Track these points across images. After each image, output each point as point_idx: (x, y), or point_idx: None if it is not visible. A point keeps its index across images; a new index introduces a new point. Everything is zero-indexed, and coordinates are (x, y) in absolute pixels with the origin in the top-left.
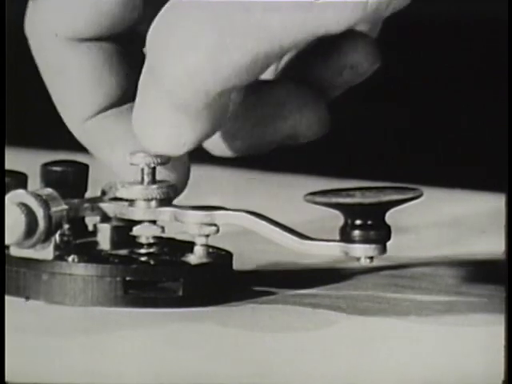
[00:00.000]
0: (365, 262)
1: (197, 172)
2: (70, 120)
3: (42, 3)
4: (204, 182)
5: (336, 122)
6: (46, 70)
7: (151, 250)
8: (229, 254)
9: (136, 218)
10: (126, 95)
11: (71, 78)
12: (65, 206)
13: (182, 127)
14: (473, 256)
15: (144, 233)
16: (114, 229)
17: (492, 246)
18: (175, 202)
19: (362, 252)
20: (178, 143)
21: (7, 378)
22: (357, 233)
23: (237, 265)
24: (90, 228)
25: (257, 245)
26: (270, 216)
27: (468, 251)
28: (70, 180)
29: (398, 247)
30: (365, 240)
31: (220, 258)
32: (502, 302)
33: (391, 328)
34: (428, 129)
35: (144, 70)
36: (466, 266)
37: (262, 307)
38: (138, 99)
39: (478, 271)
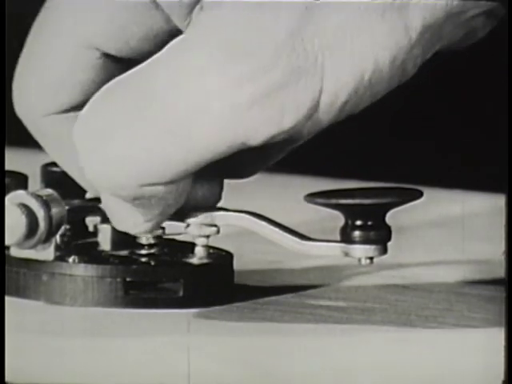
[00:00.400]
0: (365, 263)
1: None
2: (88, 187)
3: (23, 86)
4: None
5: (336, 122)
6: (48, 145)
7: (152, 251)
8: (229, 255)
9: None
10: None
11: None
12: (65, 207)
13: (130, 212)
14: (473, 256)
15: (144, 233)
16: (115, 229)
17: (492, 246)
18: None
19: (362, 253)
20: (135, 225)
21: (7, 378)
22: (357, 233)
23: (237, 265)
24: (91, 229)
25: (257, 245)
26: (271, 216)
27: (468, 251)
28: (70, 181)
29: (399, 248)
30: (365, 240)
31: (220, 258)
32: (501, 303)
33: (391, 328)
34: (428, 129)
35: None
36: (466, 266)
37: (262, 308)
38: None
39: (478, 271)
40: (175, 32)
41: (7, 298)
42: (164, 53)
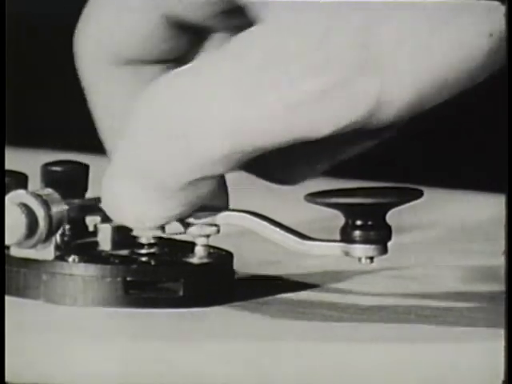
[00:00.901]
0: (365, 263)
1: None
2: (110, 143)
3: (85, 31)
4: None
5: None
6: (93, 93)
7: (152, 251)
8: (229, 255)
9: None
10: None
11: (115, 100)
12: (65, 207)
13: (151, 204)
14: (473, 256)
15: (144, 233)
16: (115, 229)
17: (492, 246)
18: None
19: (362, 252)
20: (144, 219)
21: (7, 378)
22: (357, 233)
23: (238, 265)
24: (91, 228)
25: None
26: (271, 216)
27: (468, 251)
28: (70, 180)
29: (399, 247)
30: (365, 240)
31: (221, 258)
32: (501, 303)
33: (391, 328)
34: (428, 129)
35: (122, 140)
36: (466, 266)
37: (262, 308)
38: (110, 166)
39: (478, 271)
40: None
41: (7, 298)
42: (229, 46)
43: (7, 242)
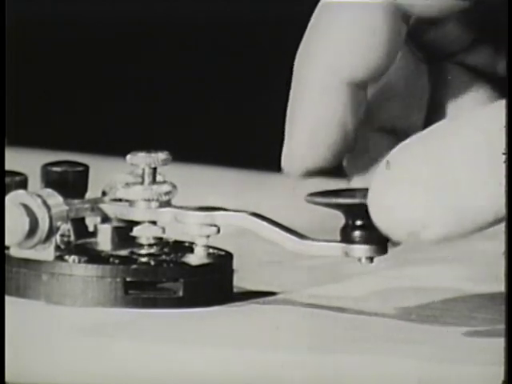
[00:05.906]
0: (365, 263)
1: (197, 172)
2: None
3: (317, 51)
4: (204, 182)
5: None
6: (309, 100)
7: (151, 251)
8: (229, 255)
9: (136, 218)
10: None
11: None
12: (65, 207)
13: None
14: (473, 255)
15: (144, 234)
16: (115, 229)
17: (492, 246)
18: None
19: (362, 252)
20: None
21: (7, 378)
22: (357, 233)
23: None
24: (91, 228)
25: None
26: (271, 216)
27: (468, 251)
28: (70, 180)
29: (399, 247)
30: (365, 240)
31: (220, 258)
32: (501, 302)
33: (391, 328)
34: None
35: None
36: (466, 266)
37: (262, 307)
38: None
39: (478, 271)
40: None
41: (7, 298)
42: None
43: (7, 242)
